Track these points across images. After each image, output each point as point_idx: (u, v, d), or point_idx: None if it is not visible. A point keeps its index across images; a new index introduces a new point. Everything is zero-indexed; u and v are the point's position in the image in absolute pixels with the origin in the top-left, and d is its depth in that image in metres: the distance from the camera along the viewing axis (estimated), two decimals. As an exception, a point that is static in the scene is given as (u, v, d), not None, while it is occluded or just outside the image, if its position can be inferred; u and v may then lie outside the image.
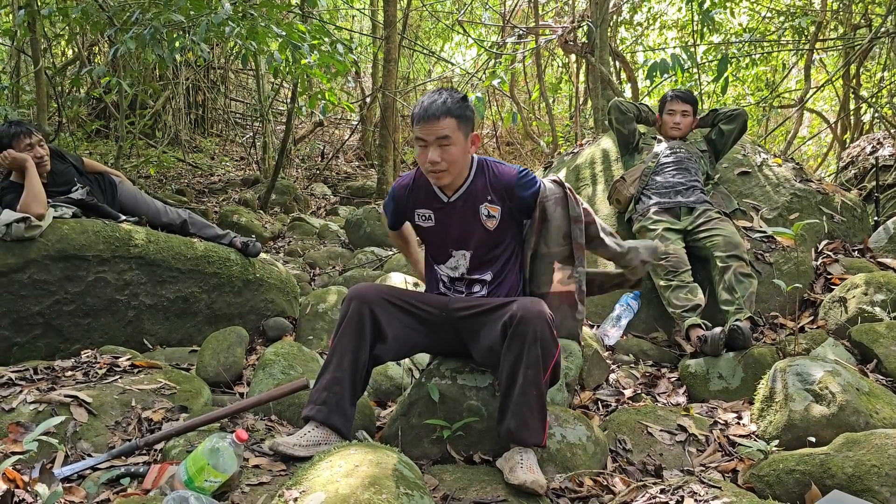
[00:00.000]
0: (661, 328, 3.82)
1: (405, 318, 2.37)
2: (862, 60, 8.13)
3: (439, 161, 2.26)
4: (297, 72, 5.67)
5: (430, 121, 2.24)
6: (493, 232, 2.42)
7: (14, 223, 3.12)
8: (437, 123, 2.24)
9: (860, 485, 1.92)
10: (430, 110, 2.25)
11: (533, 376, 2.14)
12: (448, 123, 2.25)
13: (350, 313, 2.29)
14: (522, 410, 2.16)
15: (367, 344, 2.29)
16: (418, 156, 2.34)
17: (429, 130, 2.25)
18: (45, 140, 3.58)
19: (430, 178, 2.36)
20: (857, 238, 4.15)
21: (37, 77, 6.06)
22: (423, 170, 2.35)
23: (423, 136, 2.27)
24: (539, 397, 2.17)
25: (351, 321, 2.28)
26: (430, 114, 2.24)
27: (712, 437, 2.59)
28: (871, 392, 2.44)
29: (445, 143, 2.25)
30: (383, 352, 2.35)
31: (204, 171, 9.57)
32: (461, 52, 13.99)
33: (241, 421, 2.46)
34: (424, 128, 2.26)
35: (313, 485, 1.59)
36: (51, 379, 2.61)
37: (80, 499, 1.95)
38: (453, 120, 2.26)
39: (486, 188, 2.41)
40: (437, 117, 2.24)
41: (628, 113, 4.14)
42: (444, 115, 2.24)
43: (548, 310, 2.20)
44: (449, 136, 2.25)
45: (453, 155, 2.28)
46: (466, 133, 2.32)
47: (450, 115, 2.25)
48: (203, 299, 3.69)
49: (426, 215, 2.50)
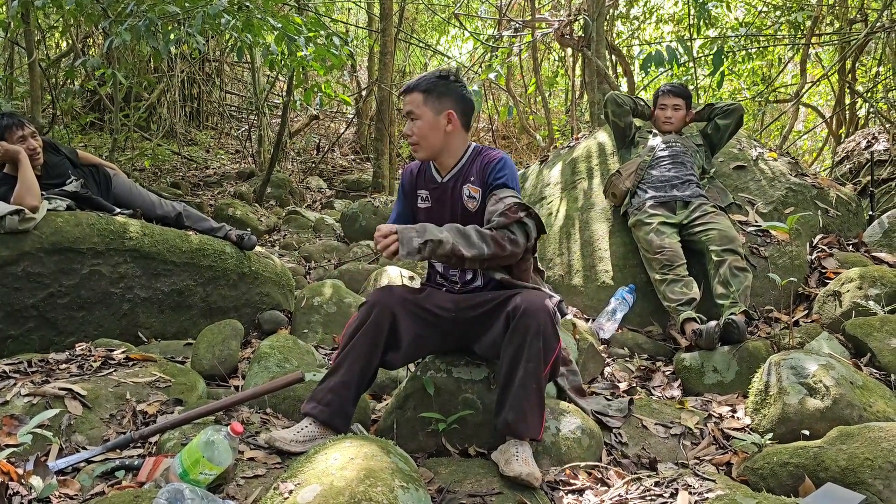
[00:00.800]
0: (657, 322, 3.82)
1: (418, 326, 2.38)
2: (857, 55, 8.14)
3: (410, 135, 2.38)
4: (292, 64, 5.65)
5: (405, 94, 2.40)
6: (474, 213, 2.41)
7: (8, 215, 3.10)
8: (404, 98, 2.40)
9: (853, 477, 1.92)
10: (405, 85, 2.42)
11: (533, 369, 2.15)
12: (413, 98, 2.37)
13: (371, 320, 2.29)
14: (521, 403, 2.16)
15: (380, 352, 2.31)
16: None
17: (404, 104, 2.41)
18: (38, 132, 3.56)
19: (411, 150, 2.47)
20: (851, 232, 4.16)
21: (31, 69, 6.03)
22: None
23: (403, 108, 2.44)
24: (538, 391, 2.17)
25: (370, 328, 2.28)
26: (405, 88, 2.41)
27: (707, 430, 2.60)
28: (864, 386, 2.45)
29: (413, 117, 2.37)
30: (394, 359, 2.37)
31: (199, 164, 9.55)
32: (457, 46, 13.96)
33: (236, 414, 2.46)
34: (403, 100, 2.43)
35: (308, 477, 1.59)
36: (45, 372, 2.60)
37: (74, 491, 1.95)
38: (419, 95, 2.36)
39: (474, 169, 2.42)
40: (408, 91, 2.39)
41: (625, 106, 4.14)
42: (410, 90, 2.38)
43: (551, 304, 2.21)
44: (413, 110, 2.36)
45: (420, 128, 2.36)
46: (437, 109, 2.36)
47: (416, 91, 2.36)
48: (198, 292, 3.68)
49: (424, 196, 2.53)
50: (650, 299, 3.80)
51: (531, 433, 2.17)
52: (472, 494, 2.01)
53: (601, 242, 4.18)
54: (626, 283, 3.91)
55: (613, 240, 4.15)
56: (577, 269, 4.17)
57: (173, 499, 1.57)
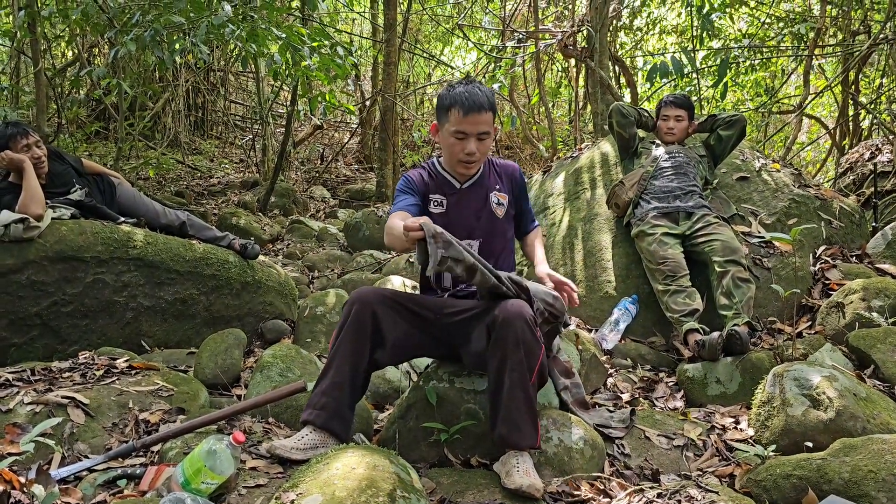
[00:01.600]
0: (660, 332, 3.82)
1: (404, 324, 2.36)
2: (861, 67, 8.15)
3: (476, 152, 2.32)
4: (297, 74, 5.68)
5: (479, 113, 2.28)
6: (500, 220, 2.43)
7: (13, 224, 3.12)
8: (482, 117, 2.29)
9: (857, 490, 1.92)
10: (479, 102, 2.28)
11: (518, 379, 2.14)
12: (489, 118, 2.32)
13: (351, 318, 2.29)
14: (512, 414, 2.15)
15: (367, 349, 2.29)
16: (453, 145, 2.35)
17: (474, 123, 2.29)
18: (42, 141, 3.58)
19: (459, 167, 2.40)
20: (855, 244, 4.15)
21: (36, 78, 6.06)
22: (455, 160, 2.37)
23: (465, 129, 2.30)
24: (527, 400, 2.16)
25: (352, 326, 2.28)
26: (479, 106, 2.27)
27: (710, 441, 2.59)
28: (868, 397, 2.44)
29: (484, 138, 2.32)
30: (382, 357, 2.35)
31: (203, 173, 9.58)
32: (461, 56, 14.02)
33: (238, 423, 2.46)
34: (470, 119, 2.28)
35: (310, 487, 1.59)
36: (48, 380, 2.60)
37: (76, 500, 1.95)
38: (492, 115, 2.33)
39: (495, 177, 2.44)
40: (483, 109, 2.28)
41: (629, 117, 4.15)
42: (488, 108, 2.30)
43: (529, 311, 2.19)
44: (489, 131, 2.33)
45: (487, 146, 2.35)
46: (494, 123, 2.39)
47: (491, 110, 2.31)
48: (201, 301, 3.69)
49: (438, 200, 2.52)
50: (653, 310, 3.79)
51: (527, 442, 2.16)
52: (474, 505, 2.01)
53: (604, 253, 4.19)
54: (628, 294, 3.90)
55: (616, 250, 4.15)
56: (580, 279, 4.17)
57: (175, 508, 1.57)
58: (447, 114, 2.34)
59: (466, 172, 2.39)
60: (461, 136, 2.32)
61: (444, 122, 2.36)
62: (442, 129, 2.39)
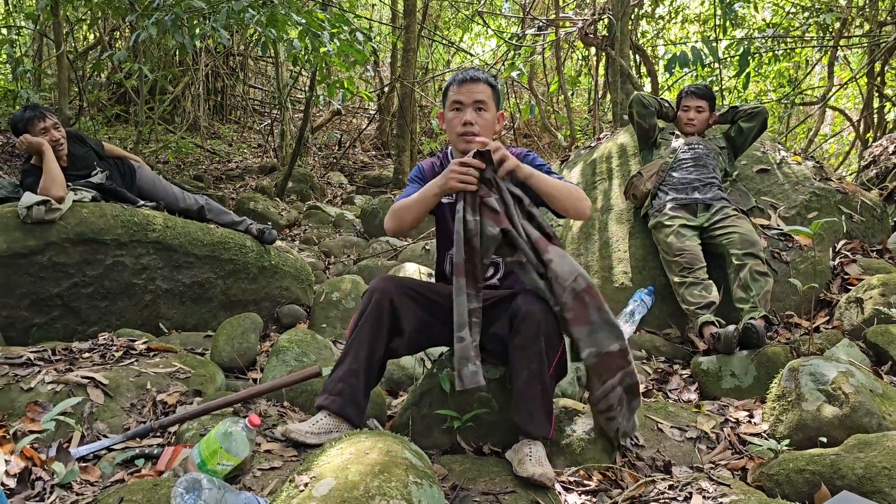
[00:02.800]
0: (675, 325, 3.80)
1: (422, 313, 2.37)
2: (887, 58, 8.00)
3: (473, 123, 2.33)
4: (315, 60, 5.68)
5: (471, 83, 2.34)
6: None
7: (34, 206, 3.16)
8: (477, 86, 2.34)
9: (870, 486, 1.91)
10: (472, 74, 2.36)
11: (537, 370, 2.15)
12: (485, 89, 2.35)
13: (371, 307, 2.30)
14: (527, 404, 2.17)
15: (384, 338, 2.31)
16: (451, 120, 2.39)
17: (468, 92, 2.34)
18: (60, 124, 3.62)
19: (460, 143, 2.38)
20: (875, 239, 4.10)
21: (58, 61, 6.12)
22: (455, 135, 2.38)
23: (461, 98, 2.34)
24: (544, 391, 2.17)
25: (371, 314, 2.30)
26: (473, 76, 2.35)
27: (723, 434, 2.58)
28: (884, 394, 2.42)
29: (481, 108, 2.34)
30: (399, 346, 2.37)
31: (222, 157, 9.63)
32: (480, 44, 13.94)
33: (253, 406, 2.49)
34: (464, 88, 2.34)
35: (324, 471, 1.61)
36: (68, 360, 2.65)
37: (95, 478, 1.99)
38: (489, 88, 2.36)
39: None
40: (477, 80, 2.34)
41: (650, 107, 4.12)
42: (478, 80, 2.35)
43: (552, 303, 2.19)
44: (485, 101, 2.34)
45: (487, 120, 2.36)
46: (496, 108, 2.41)
47: (486, 83, 2.36)
48: (218, 285, 3.72)
49: None
50: (669, 302, 3.78)
51: (540, 432, 2.18)
52: (485, 492, 2.02)
53: (620, 244, 4.17)
54: (644, 285, 3.89)
55: (633, 241, 4.14)
56: (596, 270, 4.15)
57: (191, 488, 1.59)
58: (447, 94, 2.41)
59: (468, 148, 2.38)
60: (458, 107, 2.36)
61: (445, 102, 2.43)
62: (445, 111, 2.43)
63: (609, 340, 2.14)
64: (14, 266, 3.14)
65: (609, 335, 2.14)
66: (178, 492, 1.58)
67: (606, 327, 2.14)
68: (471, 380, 2.10)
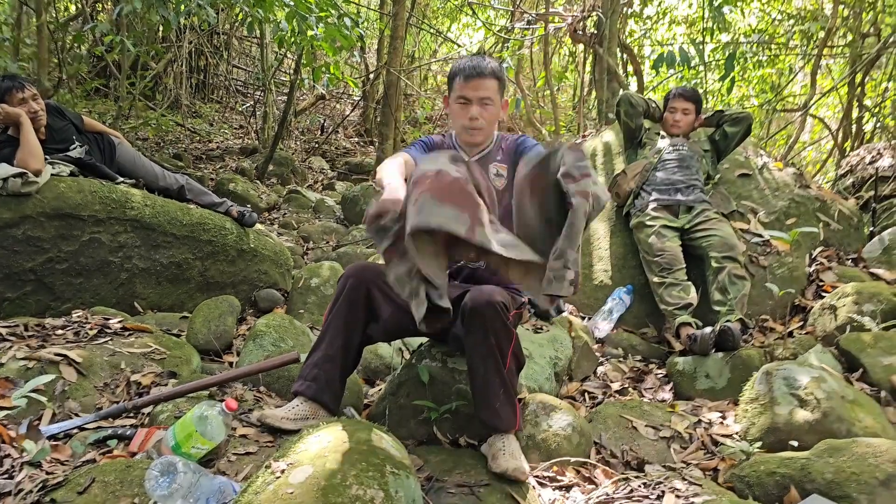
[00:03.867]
0: (652, 324, 3.84)
1: (398, 300, 2.36)
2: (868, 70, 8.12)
3: (479, 119, 2.31)
4: (302, 43, 5.62)
5: (480, 78, 2.29)
6: (501, 192, 2.41)
7: (10, 178, 3.09)
8: (485, 81, 2.29)
9: (839, 491, 1.94)
10: (480, 68, 2.29)
11: (493, 365, 2.13)
12: (492, 84, 2.31)
13: (346, 291, 2.29)
14: (489, 399, 2.15)
15: (360, 323, 2.30)
16: (457, 112, 2.36)
17: (475, 88, 2.29)
18: (39, 95, 3.54)
19: (464, 135, 2.37)
20: (851, 247, 4.17)
21: (38, 31, 5.99)
22: (460, 126, 2.36)
23: (467, 94, 2.31)
24: (503, 384, 2.15)
25: (346, 299, 2.28)
26: (481, 71, 2.29)
27: (696, 435, 2.61)
28: (855, 400, 2.46)
29: (487, 103, 2.32)
30: (375, 332, 2.35)
31: (202, 137, 9.50)
32: (468, 35, 13.88)
33: (230, 390, 2.47)
34: (471, 84, 2.29)
35: (301, 458, 1.60)
36: (41, 336, 2.60)
37: (66, 457, 1.95)
38: (496, 81, 2.32)
39: (499, 153, 2.43)
40: (485, 75, 2.29)
41: (638, 107, 4.13)
42: (491, 75, 2.30)
43: (499, 296, 2.13)
44: (491, 97, 2.31)
45: (492, 114, 2.34)
46: (501, 98, 2.38)
47: (494, 77, 2.31)
48: (196, 266, 3.68)
49: None
50: (647, 301, 3.81)
51: (506, 426, 2.16)
52: (460, 485, 2.02)
53: (601, 242, 4.19)
54: (623, 284, 3.92)
55: (614, 240, 4.16)
56: (576, 266, 4.17)
57: (166, 471, 1.57)
58: (453, 82, 2.37)
59: (471, 140, 2.38)
60: (464, 102, 2.33)
61: (451, 91, 2.39)
62: (450, 99, 2.40)
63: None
64: (-13, 238, 3.08)
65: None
66: (153, 474, 1.57)
67: None
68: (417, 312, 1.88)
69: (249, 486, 1.56)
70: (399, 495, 1.57)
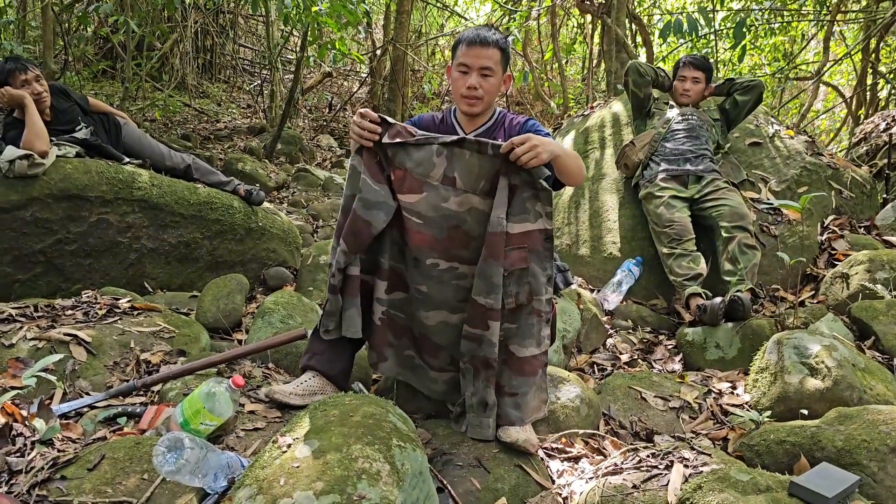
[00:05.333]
0: (662, 295, 3.82)
1: None
2: (883, 35, 7.96)
3: (478, 88, 2.28)
4: (307, 20, 5.58)
5: (482, 46, 2.25)
6: None
7: (17, 160, 3.10)
8: (486, 51, 2.26)
9: (849, 458, 1.93)
10: (483, 37, 2.27)
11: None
12: (494, 54, 2.27)
13: None
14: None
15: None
16: (456, 81, 2.33)
17: (476, 56, 2.26)
18: (43, 76, 3.53)
19: (462, 105, 2.34)
20: (864, 215, 4.11)
21: (43, 13, 5.97)
22: (459, 95, 2.34)
23: (468, 61, 2.27)
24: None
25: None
26: (482, 39, 2.26)
27: (705, 405, 2.61)
28: (866, 368, 2.44)
29: (487, 73, 2.28)
30: None
31: (210, 117, 9.49)
32: (475, 8, 13.72)
33: (238, 367, 2.48)
34: (472, 52, 2.26)
35: (307, 432, 1.60)
36: (51, 317, 2.62)
37: (77, 435, 1.97)
38: (499, 52, 2.28)
39: (501, 132, 2.40)
40: (488, 44, 2.26)
41: (646, 76, 4.07)
42: (494, 45, 2.27)
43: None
44: (492, 67, 2.27)
45: (492, 85, 2.30)
46: (503, 71, 2.34)
47: (497, 47, 2.27)
48: (205, 245, 3.69)
49: None
50: (656, 273, 3.79)
51: None
52: (468, 457, 2.03)
53: (610, 213, 4.16)
54: (633, 256, 3.89)
55: (623, 211, 4.13)
56: (585, 239, 4.15)
57: (173, 447, 1.58)
58: (456, 51, 2.34)
59: (469, 110, 2.35)
60: (464, 70, 2.30)
61: (453, 60, 2.36)
62: (452, 68, 2.38)
63: None
64: (-4, 221, 3.10)
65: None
66: (160, 450, 1.58)
67: None
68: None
69: (257, 460, 1.57)
70: (405, 468, 1.57)
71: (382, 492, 1.46)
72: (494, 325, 2.06)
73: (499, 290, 2.03)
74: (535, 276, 2.10)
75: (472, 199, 2.09)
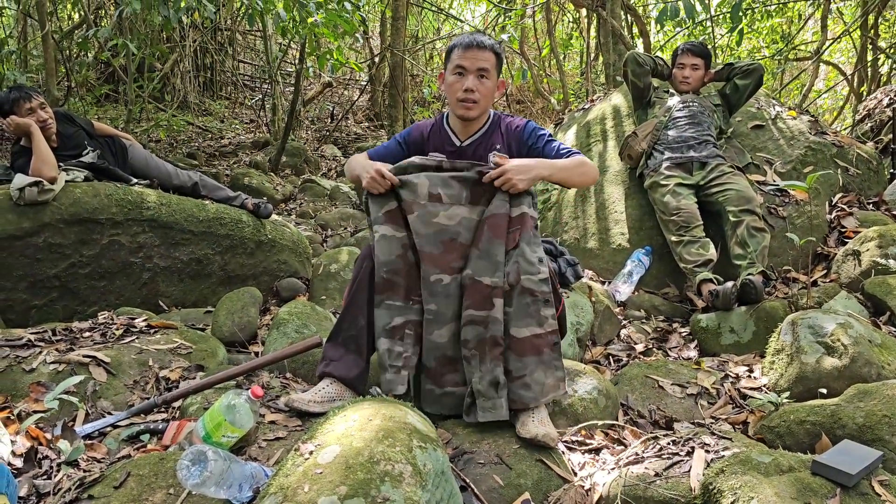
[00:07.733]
0: (673, 283, 3.82)
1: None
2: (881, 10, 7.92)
3: (474, 90, 2.31)
4: (303, 31, 5.61)
5: (478, 49, 2.30)
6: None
7: (27, 187, 3.14)
8: (483, 53, 2.30)
9: (871, 434, 1.93)
10: (478, 40, 2.31)
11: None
12: (490, 57, 2.32)
13: (363, 272, 2.30)
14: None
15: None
16: (452, 84, 2.36)
17: (472, 58, 2.30)
18: (47, 103, 3.57)
19: (458, 109, 2.36)
20: (872, 191, 4.10)
21: (44, 41, 6.03)
22: (455, 99, 2.36)
23: (464, 63, 2.31)
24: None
25: (365, 279, 2.30)
26: (479, 43, 2.30)
27: (723, 390, 2.61)
28: (883, 344, 2.44)
29: (483, 76, 2.32)
30: None
31: (214, 134, 9.55)
32: (470, 10, 13.76)
33: (256, 378, 2.50)
34: (469, 54, 2.31)
35: (328, 439, 1.61)
36: (69, 340, 2.65)
37: (101, 455, 2.00)
38: (493, 56, 2.33)
39: (498, 137, 2.41)
40: (484, 47, 2.30)
41: (645, 66, 4.07)
42: (489, 48, 2.31)
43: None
44: (488, 69, 2.32)
45: (488, 88, 2.34)
46: (498, 76, 2.38)
47: (492, 51, 2.32)
48: (216, 261, 3.72)
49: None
50: (666, 261, 3.79)
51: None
52: (490, 454, 2.04)
53: (616, 205, 4.16)
54: (641, 246, 3.89)
55: (629, 202, 4.13)
56: (593, 232, 4.15)
57: (197, 460, 1.60)
58: (450, 55, 2.37)
59: (466, 114, 2.36)
60: (460, 72, 2.33)
61: (448, 64, 2.39)
62: (446, 74, 2.40)
63: None
64: (9, 248, 3.13)
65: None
66: (184, 464, 1.60)
67: None
68: (386, 387, 2.19)
69: (280, 469, 1.59)
70: (427, 468, 1.58)
71: (406, 493, 1.47)
72: (499, 303, 2.15)
73: (502, 268, 2.15)
74: (523, 255, 2.17)
75: (460, 210, 2.22)
